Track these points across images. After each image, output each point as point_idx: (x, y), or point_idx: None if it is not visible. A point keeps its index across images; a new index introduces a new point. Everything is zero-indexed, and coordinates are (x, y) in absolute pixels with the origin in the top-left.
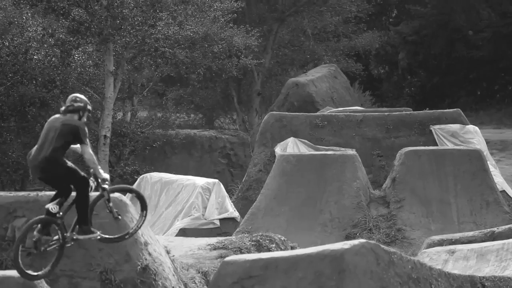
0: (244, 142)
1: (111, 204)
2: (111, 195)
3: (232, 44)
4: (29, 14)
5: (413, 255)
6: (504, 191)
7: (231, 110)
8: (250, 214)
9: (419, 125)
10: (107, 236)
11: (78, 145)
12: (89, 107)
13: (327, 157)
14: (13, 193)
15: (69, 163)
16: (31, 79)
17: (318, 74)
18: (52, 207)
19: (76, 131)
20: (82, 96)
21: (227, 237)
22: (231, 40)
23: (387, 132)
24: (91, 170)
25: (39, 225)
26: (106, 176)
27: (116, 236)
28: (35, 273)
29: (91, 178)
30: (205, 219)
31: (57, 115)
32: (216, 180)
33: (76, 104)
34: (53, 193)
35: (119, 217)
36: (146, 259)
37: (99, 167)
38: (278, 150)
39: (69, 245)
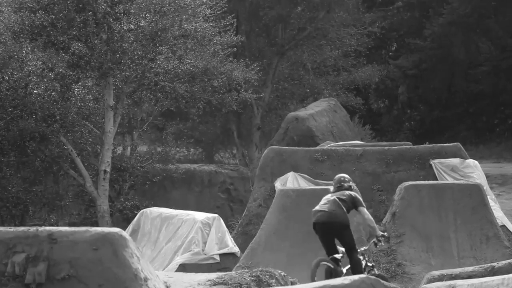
0: (244, 176)
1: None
2: None
3: (232, 78)
4: (29, 48)
5: None
6: (504, 225)
7: (231, 144)
8: (250, 249)
9: (419, 159)
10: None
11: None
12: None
13: (327, 191)
14: (13, 228)
15: None
16: (31, 113)
17: (318, 108)
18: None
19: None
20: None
21: (227, 273)
22: (231, 74)
23: (387, 166)
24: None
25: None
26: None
27: None
28: None
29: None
30: (205, 254)
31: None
32: (216, 215)
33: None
34: (54, 228)
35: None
36: None
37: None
38: (278, 184)
39: None
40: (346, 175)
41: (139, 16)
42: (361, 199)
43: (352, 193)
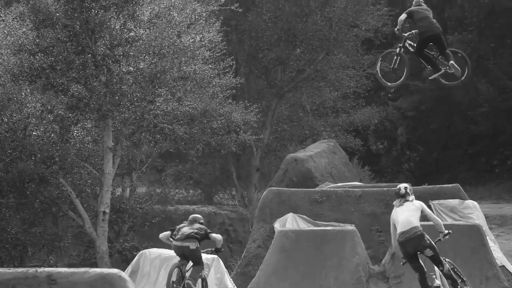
0: (243, 217)
1: None
2: None
3: (231, 120)
4: (28, 91)
5: None
6: (503, 266)
7: (230, 185)
8: None
9: (418, 200)
10: None
11: None
12: None
13: (327, 232)
14: (12, 270)
15: None
16: (30, 155)
17: (317, 150)
18: None
19: None
20: None
21: None
22: (230, 116)
23: (386, 207)
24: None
25: None
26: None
27: None
28: None
29: None
30: None
31: None
32: (215, 256)
33: None
34: (53, 269)
35: None
36: None
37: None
38: (277, 225)
39: None
40: None
41: (138, 58)
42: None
43: None
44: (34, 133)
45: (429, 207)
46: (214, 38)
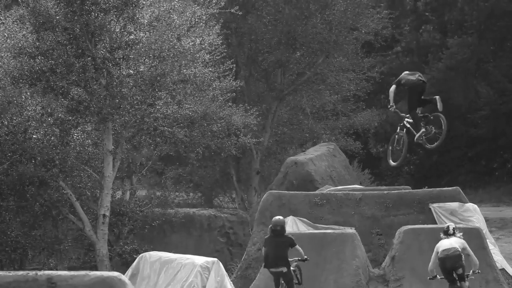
0: (243, 220)
1: None
2: None
3: (231, 123)
4: (28, 94)
5: None
6: (503, 269)
7: (230, 188)
8: None
9: (418, 203)
10: None
11: None
12: None
13: (327, 235)
14: (12, 273)
15: None
16: (30, 158)
17: (317, 153)
18: None
19: None
20: None
21: None
22: (230, 119)
23: (386, 210)
24: None
25: None
26: None
27: None
28: None
29: None
30: None
31: None
32: (215, 259)
33: None
34: (53, 272)
35: None
36: None
37: None
38: None
39: None
40: None
41: (138, 62)
42: None
43: None
44: (34, 136)
45: (429, 210)
46: (214, 41)
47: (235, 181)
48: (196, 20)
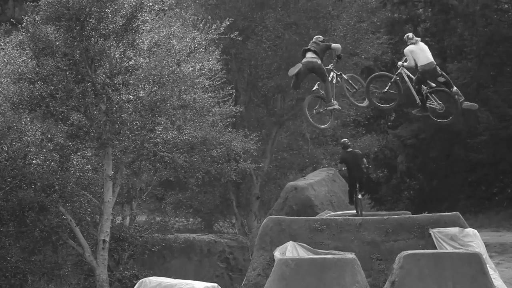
0: (243, 246)
1: None
2: None
3: (231, 148)
4: (28, 119)
5: None
6: None
7: (230, 214)
8: None
9: (418, 228)
10: None
11: None
12: None
13: (327, 261)
14: None
15: None
16: (30, 183)
17: (317, 178)
18: None
19: None
20: None
21: None
22: (230, 145)
23: (386, 235)
24: None
25: None
26: None
27: None
28: None
29: None
30: None
31: None
32: (215, 284)
33: None
34: None
35: None
36: None
37: None
38: (277, 254)
39: None
40: None
41: (138, 87)
42: None
43: None
44: (34, 161)
45: (429, 235)
46: (213, 67)
47: (235, 206)
48: (196, 45)
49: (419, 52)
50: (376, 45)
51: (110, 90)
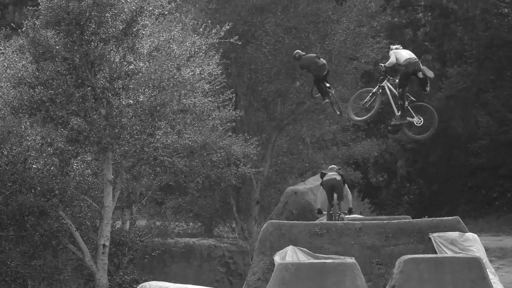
0: (243, 250)
1: None
2: None
3: (231, 152)
4: (28, 124)
5: None
6: None
7: (230, 218)
8: None
9: (418, 233)
10: None
11: None
12: None
13: (327, 265)
14: None
15: None
16: (29, 188)
17: (317, 182)
18: None
19: None
20: None
21: None
22: (230, 149)
23: (386, 240)
24: None
25: None
26: None
27: None
28: None
29: None
30: None
31: None
32: None
33: None
34: None
35: None
36: None
37: None
38: (277, 258)
39: None
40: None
41: (138, 91)
42: None
43: None
44: (34, 166)
45: (429, 239)
46: (213, 71)
47: (235, 211)
48: (196, 50)
49: (402, 51)
50: (376, 49)
51: (110, 95)
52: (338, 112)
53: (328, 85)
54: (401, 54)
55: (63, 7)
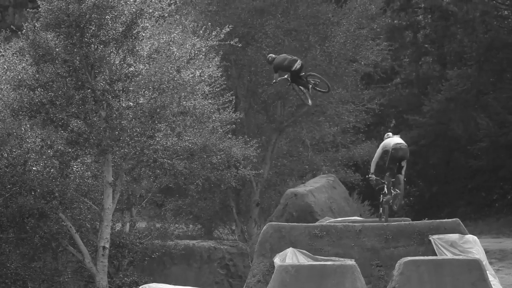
0: (243, 252)
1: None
2: None
3: (231, 155)
4: (28, 126)
5: None
6: None
7: (230, 220)
8: None
9: (418, 235)
10: None
11: None
12: None
13: (326, 267)
14: None
15: None
16: (29, 190)
17: (317, 185)
18: None
19: None
20: None
21: None
22: (230, 151)
23: (386, 242)
24: None
25: None
26: None
27: None
28: None
29: None
30: None
31: None
32: None
33: None
34: None
35: None
36: None
37: None
38: (277, 260)
39: None
40: None
41: (138, 94)
42: None
43: None
44: (33, 168)
45: (429, 241)
46: (213, 73)
47: (235, 213)
48: (196, 52)
49: (390, 139)
50: (376, 51)
51: (110, 97)
52: (307, 103)
53: (309, 79)
54: (389, 141)
55: (63, 10)
